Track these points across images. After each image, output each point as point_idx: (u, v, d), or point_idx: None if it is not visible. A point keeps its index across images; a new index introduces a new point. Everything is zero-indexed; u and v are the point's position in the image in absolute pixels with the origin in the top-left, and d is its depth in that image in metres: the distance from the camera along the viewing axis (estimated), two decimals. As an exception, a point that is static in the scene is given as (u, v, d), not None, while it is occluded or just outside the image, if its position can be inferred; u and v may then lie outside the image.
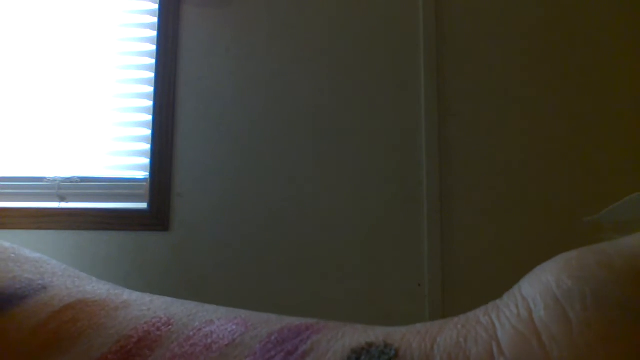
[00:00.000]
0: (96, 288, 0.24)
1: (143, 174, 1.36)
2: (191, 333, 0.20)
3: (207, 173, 1.34)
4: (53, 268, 0.26)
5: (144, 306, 0.22)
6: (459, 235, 1.31)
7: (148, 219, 1.32)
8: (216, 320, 0.20)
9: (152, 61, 1.37)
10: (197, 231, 1.31)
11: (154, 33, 1.38)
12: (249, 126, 1.35)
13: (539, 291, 0.14)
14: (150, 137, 1.35)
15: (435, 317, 1.27)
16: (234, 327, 0.20)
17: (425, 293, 1.28)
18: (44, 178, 1.35)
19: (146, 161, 1.35)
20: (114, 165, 1.37)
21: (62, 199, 1.34)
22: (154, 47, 1.37)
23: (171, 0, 1.38)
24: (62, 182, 1.34)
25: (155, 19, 1.38)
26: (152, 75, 1.37)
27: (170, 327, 0.20)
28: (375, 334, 0.19)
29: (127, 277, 1.29)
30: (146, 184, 1.34)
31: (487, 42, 1.37)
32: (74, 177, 1.35)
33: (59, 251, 1.30)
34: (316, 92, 1.36)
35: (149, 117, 1.36)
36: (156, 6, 1.39)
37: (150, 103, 1.36)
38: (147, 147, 1.35)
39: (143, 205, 1.34)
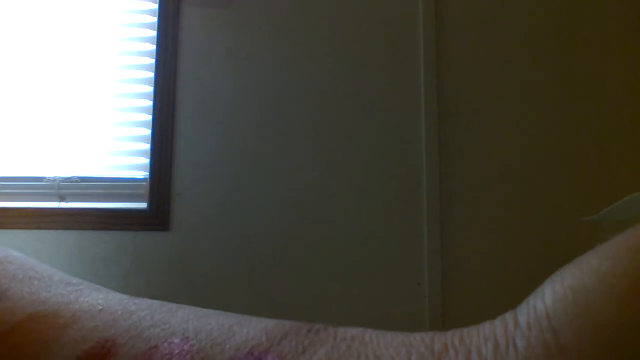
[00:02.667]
0: (52, 294, 0.24)
1: (143, 174, 1.36)
2: None
3: (207, 173, 1.34)
4: (15, 270, 0.25)
5: (92, 321, 0.22)
6: (459, 235, 1.31)
7: (148, 219, 1.32)
8: (161, 346, 0.20)
9: (152, 61, 1.37)
10: (197, 231, 1.31)
11: (154, 33, 1.38)
12: (249, 126, 1.35)
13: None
14: (150, 137, 1.35)
15: (435, 317, 1.27)
16: (180, 358, 0.19)
17: (425, 293, 1.28)
18: (44, 178, 1.35)
19: (146, 161, 1.35)
20: (114, 165, 1.37)
21: (62, 199, 1.34)
22: (154, 47, 1.37)
23: (171, 0, 1.38)
24: (62, 182, 1.34)
25: (155, 19, 1.38)
26: (152, 75, 1.37)
27: (111, 358, 0.20)
28: None
29: (127, 277, 1.29)
30: (146, 184, 1.34)
31: (487, 42, 1.37)
32: (74, 177, 1.35)
33: (59, 251, 1.30)
34: (316, 92, 1.36)
35: (149, 117, 1.36)
36: (156, 6, 1.39)
37: (150, 103, 1.36)
38: (147, 147, 1.35)
39: (143, 205, 1.33)
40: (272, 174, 1.33)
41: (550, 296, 0.14)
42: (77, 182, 1.35)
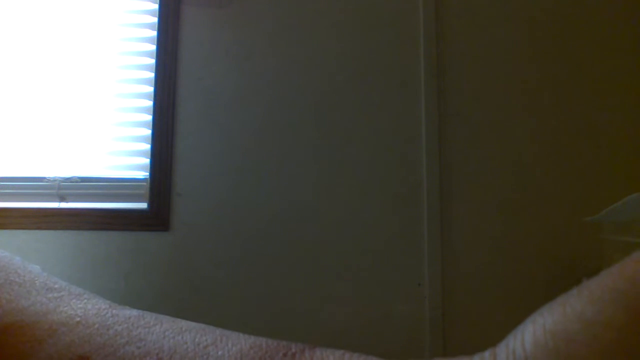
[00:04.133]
0: (31, 303, 0.23)
1: (143, 174, 1.36)
2: None
3: (207, 173, 1.34)
4: None
5: (69, 336, 0.21)
6: (459, 235, 1.31)
7: (148, 219, 1.32)
8: None
9: (152, 61, 1.37)
10: (197, 231, 1.31)
11: (154, 33, 1.38)
12: (249, 126, 1.35)
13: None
14: (150, 137, 1.35)
15: (435, 317, 1.27)
16: None
17: (425, 293, 1.28)
18: (44, 178, 1.35)
19: (146, 161, 1.35)
20: (114, 165, 1.37)
21: (62, 199, 1.34)
22: (154, 47, 1.37)
23: (171, 0, 1.38)
24: (62, 182, 1.34)
25: (155, 19, 1.38)
26: (152, 75, 1.37)
27: None
28: None
29: (127, 277, 1.29)
30: (146, 184, 1.34)
31: (487, 42, 1.37)
32: (74, 177, 1.35)
33: (59, 251, 1.30)
34: (316, 92, 1.36)
35: (149, 117, 1.36)
36: (156, 6, 1.39)
37: (150, 103, 1.36)
38: (147, 147, 1.35)
39: (143, 205, 1.34)
40: (272, 173, 1.33)
41: (529, 341, 0.13)
42: (77, 182, 1.35)
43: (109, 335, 0.21)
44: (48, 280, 0.26)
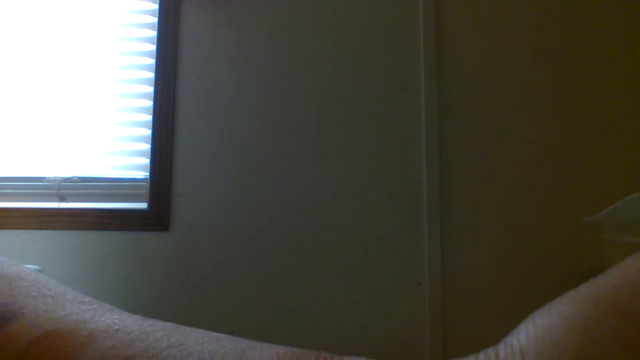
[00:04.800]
0: (67, 312, 0.24)
1: (143, 174, 1.36)
2: None
3: (207, 173, 1.34)
4: (29, 287, 0.25)
5: (109, 340, 0.22)
6: (459, 235, 1.31)
7: (148, 219, 1.32)
8: None
9: (152, 61, 1.37)
10: (197, 231, 1.31)
11: (154, 33, 1.38)
12: (249, 126, 1.35)
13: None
14: (150, 137, 1.35)
15: (435, 317, 1.27)
16: None
17: (425, 293, 1.28)
18: (44, 178, 1.35)
19: (146, 161, 1.35)
20: (114, 165, 1.37)
21: (62, 199, 1.34)
22: (154, 47, 1.37)
23: (171, 0, 1.38)
24: (62, 182, 1.34)
25: (155, 19, 1.38)
26: (152, 75, 1.37)
27: None
28: None
29: (127, 277, 1.29)
30: (146, 184, 1.34)
31: (487, 42, 1.37)
32: (74, 177, 1.35)
33: (59, 251, 1.30)
34: (316, 92, 1.36)
35: (149, 117, 1.36)
36: (156, 6, 1.39)
37: (150, 103, 1.36)
38: (147, 147, 1.35)
39: (143, 205, 1.34)
40: (272, 174, 1.33)
41: (523, 335, 0.17)
42: (77, 182, 1.35)
43: (149, 341, 0.22)
44: (77, 295, 0.27)
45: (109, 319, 0.24)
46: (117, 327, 0.23)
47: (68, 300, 0.25)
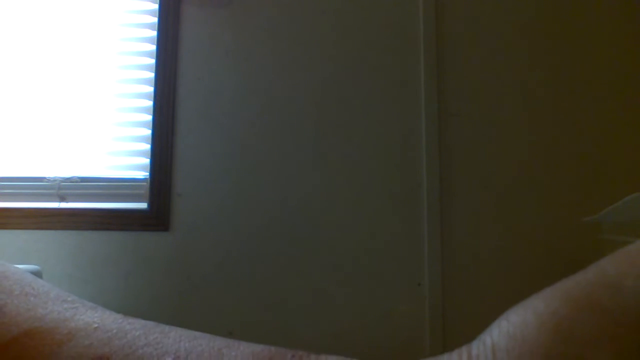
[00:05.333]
0: (48, 311, 0.24)
1: (143, 174, 1.36)
2: None
3: (207, 173, 1.34)
4: (12, 285, 0.26)
5: (87, 339, 0.22)
6: (459, 235, 1.31)
7: (148, 219, 1.32)
8: None
9: (152, 61, 1.37)
10: (197, 231, 1.31)
11: (154, 33, 1.38)
12: (249, 126, 1.35)
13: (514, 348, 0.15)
14: (150, 137, 1.35)
15: (435, 317, 1.27)
16: None
17: (425, 293, 1.28)
18: (44, 178, 1.35)
19: (146, 161, 1.35)
20: (114, 165, 1.37)
21: (62, 199, 1.34)
22: (154, 47, 1.37)
23: (171, 0, 1.38)
24: (62, 182, 1.34)
25: (155, 19, 1.38)
26: (152, 75, 1.37)
27: None
28: None
29: (127, 277, 1.29)
30: (146, 184, 1.34)
31: (487, 42, 1.37)
32: (74, 177, 1.35)
33: (59, 251, 1.30)
34: (316, 92, 1.36)
35: (149, 117, 1.36)
36: (156, 6, 1.39)
37: (150, 103, 1.36)
38: (147, 147, 1.35)
39: (143, 205, 1.34)
40: (272, 174, 1.33)
41: (496, 331, 0.17)
42: (77, 182, 1.35)
43: (127, 339, 0.22)
44: (61, 293, 0.27)
45: (89, 317, 0.24)
46: (96, 325, 0.23)
47: (50, 298, 0.26)
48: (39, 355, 0.22)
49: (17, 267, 0.28)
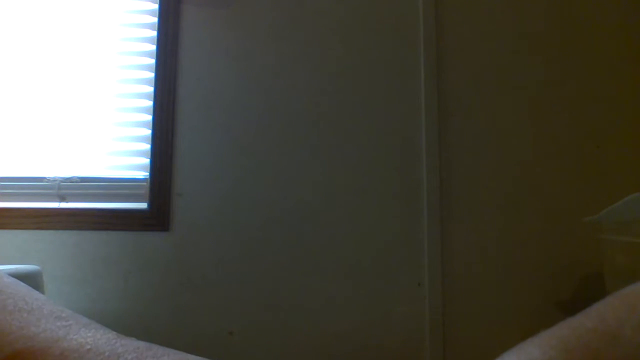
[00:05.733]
0: (41, 330, 0.24)
1: (143, 174, 1.36)
2: None
3: (207, 173, 1.34)
4: (5, 300, 0.25)
5: None
6: (459, 236, 1.31)
7: (148, 219, 1.32)
8: None
9: (152, 61, 1.37)
10: (197, 231, 1.31)
11: (154, 33, 1.38)
12: (249, 126, 1.35)
13: None
14: (150, 137, 1.35)
15: (435, 317, 1.27)
16: None
17: (425, 293, 1.28)
18: (44, 178, 1.35)
19: (146, 161, 1.35)
20: (114, 165, 1.37)
21: (62, 199, 1.34)
22: (154, 47, 1.37)
23: (171, 0, 1.38)
24: (62, 182, 1.34)
25: (155, 19, 1.38)
26: (152, 75, 1.37)
27: None
28: None
29: (127, 277, 1.29)
30: (146, 184, 1.34)
31: (487, 41, 1.37)
32: (74, 177, 1.35)
33: (59, 251, 1.30)
34: (316, 92, 1.36)
35: (149, 117, 1.36)
36: (156, 6, 1.39)
37: (150, 103, 1.36)
38: (147, 147, 1.35)
39: (143, 205, 1.34)
40: (272, 173, 1.33)
41: None
42: (77, 182, 1.35)
43: None
44: (55, 309, 0.27)
45: (82, 338, 0.24)
46: (88, 347, 0.23)
47: (44, 315, 0.25)
48: None
49: (12, 278, 0.28)
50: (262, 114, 1.35)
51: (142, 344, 0.24)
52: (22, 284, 0.28)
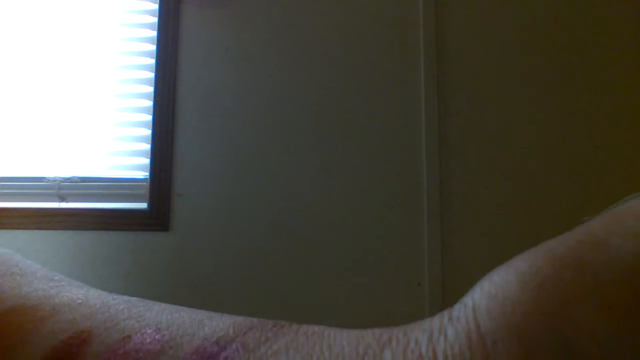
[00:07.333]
0: (32, 289, 0.25)
1: (143, 174, 1.36)
2: (106, 356, 0.20)
3: (207, 173, 1.34)
4: None
5: (70, 314, 0.23)
6: (459, 235, 1.31)
7: (148, 219, 1.32)
8: (134, 336, 0.21)
9: (152, 61, 1.37)
10: (197, 231, 1.31)
11: (154, 33, 1.38)
12: (249, 126, 1.35)
13: (501, 327, 0.14)
14: (150, 137, 1.35)
15: (435, 317, 1.27)
16: (150, 346, 0.20)
17: (425, 293, 1.28)
18: (44, 178, 1.35)
19: (146, 161, 1.35)
20: (114, 165, 1.37)
21: (62, 199, 1.34)
22: (154, 47, 1.37)
23: (171, 0, 1.38)
24: (62, 182, 1.34)
25: (155, 19, 1.38)
26: (152, 75, 1.37)
27: (86, 347, 0.21)
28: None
29: (127, 277, 1.29)
30: (146, 184, 1.34)
31: (487, 42, 1.37)
32: (74, 177, 1.35)
33: (59, 251, 1.30)
34: (316, 92, 1.36)
35: (149, 117, 1.36)
36: (156, 6, 1.39)
37: (150, 103, 1.36)
38: (147, 147, 1.35)
39: (143, 205, 1.34)
40: (272, 174, 1.33)
41: (478, 292, 0.16)
42: (77, 182, 1.35)
43: (110, 313, 0.23)
44: (48, 273, 0.27)
45: (73, 294, 0.25)
46: (79, 301, 0.24)
47: (37, 277, 0.26)
48: (21, 330, 0.22)
49: (6, 250, 0.29)
50: (262, 114, 1.35)
51: (133, 298, 0.25)
52: (16, 254, 0.29)
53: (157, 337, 0.21)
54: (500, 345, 0.13)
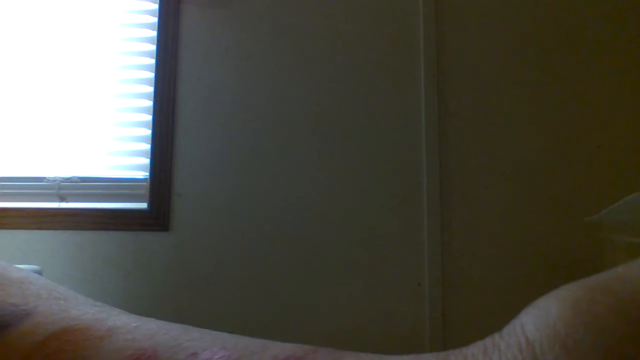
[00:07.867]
0: (82, 312, 0.24)
1: (143, 174, 1.36)
2: None
3: (208, 173, 1.34)
4: (39, 290, 0.25)
5: (129, 334, 0.22)
6: (459, 235, 1.31)
7: (148, 219, 1.32)
8: (201, 352, 0.21)
9: (152, 61, 1.37)
10: (197, 231, 1.31)
11: (154, 33, 1.38)
12: (249, 126, 1.35)
13: (547, 336, 0.16)
14: (150, 137, 1.35)
15: (435, 317, 1.27)
16: None
17: (425, 293, 1.28)
18: (44, 178, 1.35)
19: (146, 161, 1.35)
20: (114, 165, 1.37)
21: (62, 199, 1.34)
22: (154, 47, 1.37)
23: (171, 0, 1.38)
24: (62, 182, 1.34)
25: (155, 19, 1.38)
26: (152, 75, 1.37)
27: None
28: None
29: (127, 277, 1.29)
30: (146, 184, 1.34)
31: (487, 42, 1.37)
32: (74, 177, 1.35)
33: (59, 251, 1.30)
34: (316, 92, 1.36)
35: (149, 117, 1.36)
36: (156, 6, 1.39)
37: (150, 103, 1.36)
38: (147, 147, 1.35)
39: (143, 205, 1.34)
40: (272, 173, 1.33)
41: (523, 314, 0.18)
42: (77, 182, 1.35)
43: (170, 335, 0.22)
44: (89, 299, 0.27)
45: (125, 318, 0.24)
46: (135, 324, 0.23)
47: (80, 302, 0.26)
48: (80, 348, 0.21)
49: (39, 275, 0.28)
50: (262, 113, 1.36)
51: (186, 325, 0.25)
52: (47, 279, 0.29)
53: (224, 354, 0.20)
54: (547, 349, 0.16)
